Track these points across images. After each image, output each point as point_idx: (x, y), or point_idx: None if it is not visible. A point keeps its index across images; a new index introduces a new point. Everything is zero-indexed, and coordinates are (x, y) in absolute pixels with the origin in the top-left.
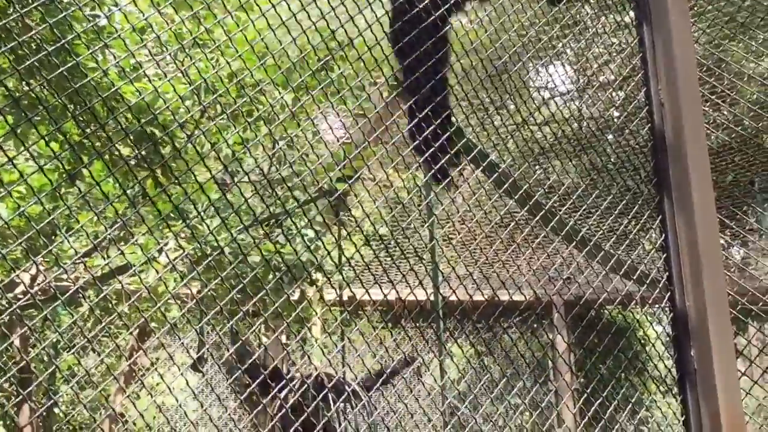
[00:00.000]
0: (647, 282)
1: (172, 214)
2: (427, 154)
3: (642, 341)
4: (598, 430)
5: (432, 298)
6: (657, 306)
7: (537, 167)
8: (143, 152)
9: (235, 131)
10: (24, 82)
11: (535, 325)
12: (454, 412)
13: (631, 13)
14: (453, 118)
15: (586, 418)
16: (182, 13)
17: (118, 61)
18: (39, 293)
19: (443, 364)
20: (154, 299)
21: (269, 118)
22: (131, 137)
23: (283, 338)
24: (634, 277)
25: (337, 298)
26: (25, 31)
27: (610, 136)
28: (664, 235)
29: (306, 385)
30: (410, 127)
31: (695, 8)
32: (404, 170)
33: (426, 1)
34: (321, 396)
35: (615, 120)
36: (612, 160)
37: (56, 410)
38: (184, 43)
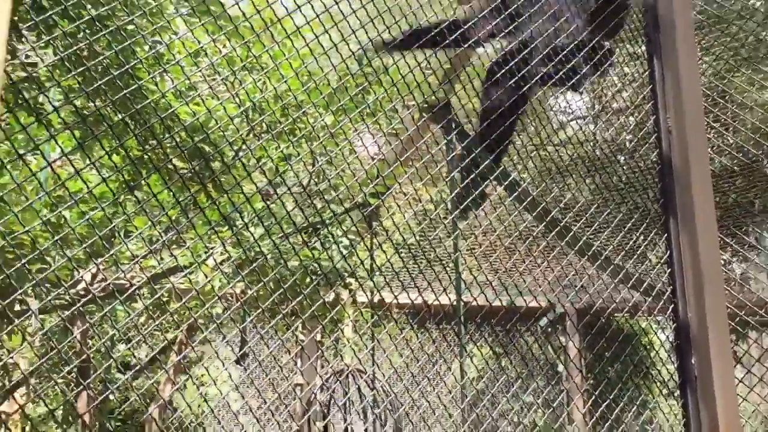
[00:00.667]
0: (653, 293)
1: (220, 222)
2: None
3: (647, 347)
4: (606, 429)
5: (455, 303)
6: (661, 316)
7: (554, 185)
8: (196, 168)
9: (280, 149)
10: (90, 102)
11: (549, 330)
12: (473, 409)
13: (643, 47)
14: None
15: (595, 417)
16: (234, 41)
17: (175, 85)
18: (99, 290)
19: (464, 365)
20: (202, 299)
21: (310, 136)
22: (185, 153)
23: (318, 337)
24: (641, 289)
25: (369, 301)
26: (92, 55)
27: (621, 158)
28: (668, 251)
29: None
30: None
31: (702, 43)
32: (432, 186)
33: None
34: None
35: (626, 144)
36: (623, 180)
37: (111, 397)
38: (235, 69)
